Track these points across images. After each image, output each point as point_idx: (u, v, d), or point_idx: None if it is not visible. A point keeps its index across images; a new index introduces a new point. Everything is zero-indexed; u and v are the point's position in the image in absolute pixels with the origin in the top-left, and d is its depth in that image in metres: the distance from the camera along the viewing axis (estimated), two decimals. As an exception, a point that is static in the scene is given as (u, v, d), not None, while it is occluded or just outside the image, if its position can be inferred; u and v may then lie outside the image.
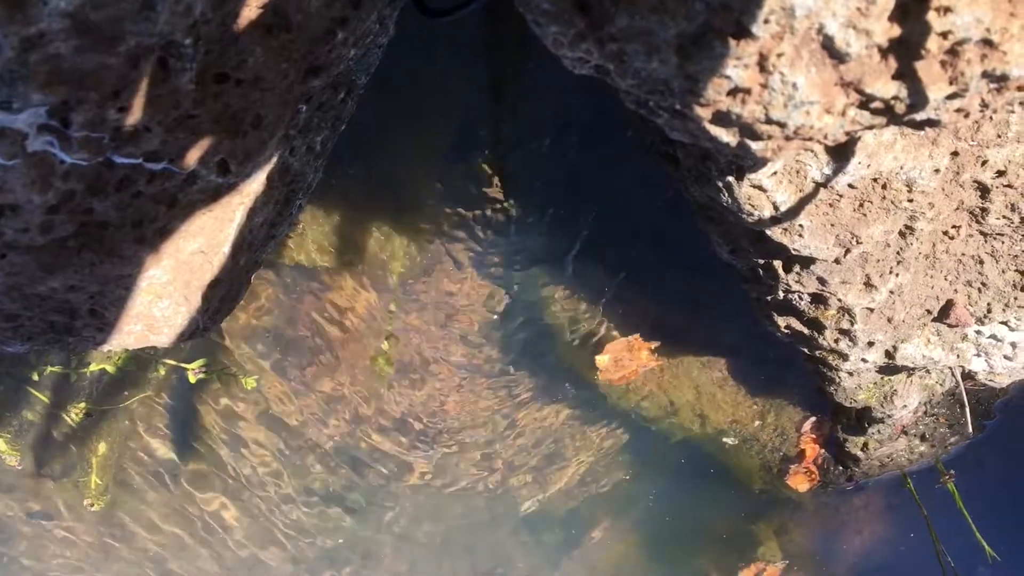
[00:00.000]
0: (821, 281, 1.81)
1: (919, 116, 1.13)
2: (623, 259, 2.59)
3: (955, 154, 1.56)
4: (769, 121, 1.09)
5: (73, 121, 1.00)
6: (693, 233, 2.06)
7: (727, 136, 1.14)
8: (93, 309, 1.29)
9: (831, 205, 1.59)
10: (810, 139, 1.14)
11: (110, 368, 2.78)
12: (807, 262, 1.76)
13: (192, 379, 2.67)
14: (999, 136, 1.54)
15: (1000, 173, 1.63)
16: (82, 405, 2.88)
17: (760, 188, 1.52)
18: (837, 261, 1.73)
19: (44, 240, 1.13)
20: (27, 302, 1.24)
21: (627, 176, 2.46)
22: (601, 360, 2.63)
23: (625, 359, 2.62)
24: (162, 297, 1.33)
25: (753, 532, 3.14)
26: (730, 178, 1.51)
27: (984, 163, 1.60)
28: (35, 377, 2.80)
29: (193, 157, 1.18)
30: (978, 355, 2.18)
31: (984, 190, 1.68)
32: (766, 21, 0.98)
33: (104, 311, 1.31)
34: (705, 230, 1.92)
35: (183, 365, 2.66)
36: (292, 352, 2.81)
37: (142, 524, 3.14)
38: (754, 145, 1.15)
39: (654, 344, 2.63)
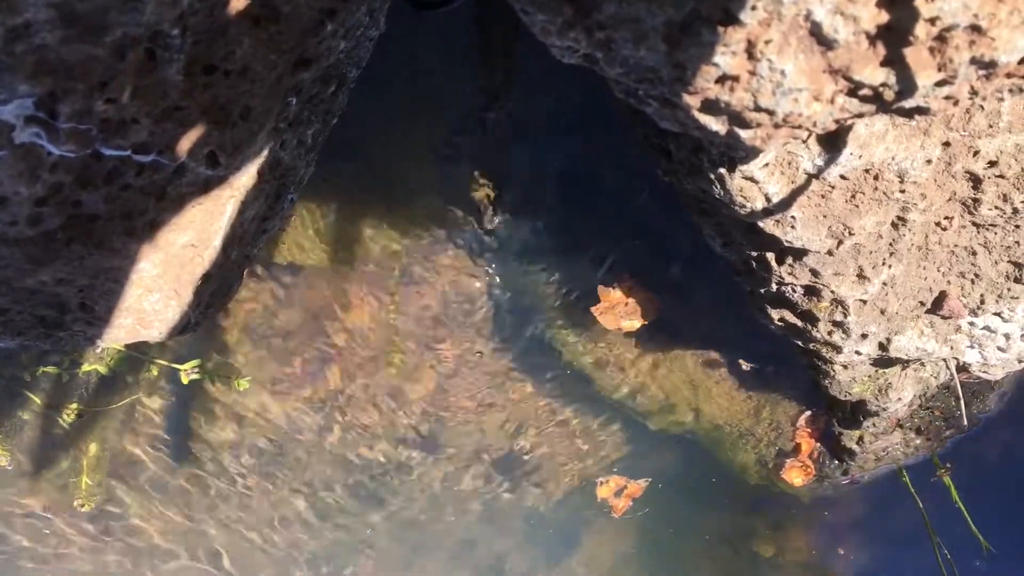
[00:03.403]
0: (814, 273, 1.81)
1: (908, 103, 1.13)
2: (617, 253, 2.59)
3: (947, 144, 1.56)
4: (758, 108, 1.09)
5: (60, 112, 1.00)
6: (686, 226, 2.06)
7: (716, 124, 1.14)
8: (83, 303, 1.29)
9: (823, 196, 1.59)
10: (799, 127, 1.13)
11: (102, 368, 2.77)
12: (800, 254, 1.76)
13: (185, 380, 2.65)
14: (991, 126, 1.54)
15: (992, 163, 1.63)
16: (74, 406, 2.86)
17: (752, 180, 1.52)
18: (830, 253, 1.73)
19: (33, 232, 1.12)
20: (16, 296, 1.23)
21: (620, 169, 2.46)
22: (607, 319, 2.59)
23: (617, 308, 2.58)
24: (152, 291, 1.33)
25: (749, 526, 3.14)
26: (722, 170, 1.51)
27: (976, 153, 1.60)
28: (27, 378, 2.79)
29: (182, 149, 1.17)
30: (972, 347, 2.18)
31: (976, 181, 1.68)
32: (753, 8, 0.98)
33: (94, 305, 1.30)
34: (698, 223, 1.92)
35: (176, 366, 2.65)
36: (286, 351, 2.81)
37: (134, 524, 3.13)
38: (743, 133, 1.15)
39: (625, 283, 2.61)
